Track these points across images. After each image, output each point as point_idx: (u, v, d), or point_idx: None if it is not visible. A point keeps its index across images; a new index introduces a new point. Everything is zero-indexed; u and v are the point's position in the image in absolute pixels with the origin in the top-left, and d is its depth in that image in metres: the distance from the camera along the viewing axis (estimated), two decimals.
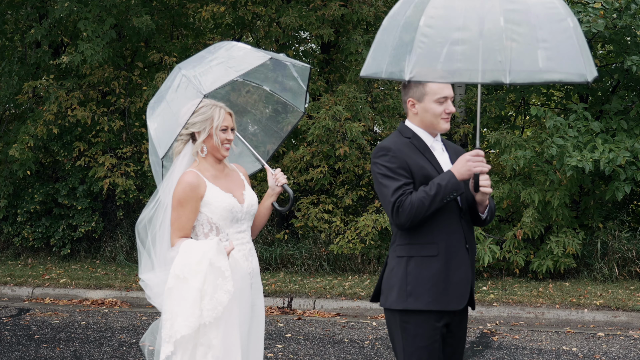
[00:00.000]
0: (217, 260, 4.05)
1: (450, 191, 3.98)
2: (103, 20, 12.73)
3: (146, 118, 4.46)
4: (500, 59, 3.51)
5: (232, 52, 4.48)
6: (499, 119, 12.92)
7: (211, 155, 4.33)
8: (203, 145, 4.30)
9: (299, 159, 12.68)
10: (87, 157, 13.44)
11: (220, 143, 4.30)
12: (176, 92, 4.34)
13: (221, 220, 4.27)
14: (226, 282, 4.05)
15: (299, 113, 4.98)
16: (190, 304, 4.02)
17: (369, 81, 13.17)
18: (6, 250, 14.38)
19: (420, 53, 3.54)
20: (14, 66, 13.74)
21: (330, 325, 9.45)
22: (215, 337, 4.07)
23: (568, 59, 3.63)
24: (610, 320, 9.53)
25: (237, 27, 14.43)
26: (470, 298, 4.19)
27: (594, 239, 11.61)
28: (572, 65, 3.63)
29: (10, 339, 8.57)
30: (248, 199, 4.41)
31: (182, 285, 4.05)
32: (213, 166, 4.36)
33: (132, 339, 8.60)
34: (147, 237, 4.32)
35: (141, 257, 4.35)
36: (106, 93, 13.92)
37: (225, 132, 4.32)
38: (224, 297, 4.04)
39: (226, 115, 4.32)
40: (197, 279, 4.02)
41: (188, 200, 4.19)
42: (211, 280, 4.03)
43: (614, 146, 10.59)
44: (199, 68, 4.33)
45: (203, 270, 4.03)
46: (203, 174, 4.28)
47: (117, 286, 11.42)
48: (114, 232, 13.96)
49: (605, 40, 11.44)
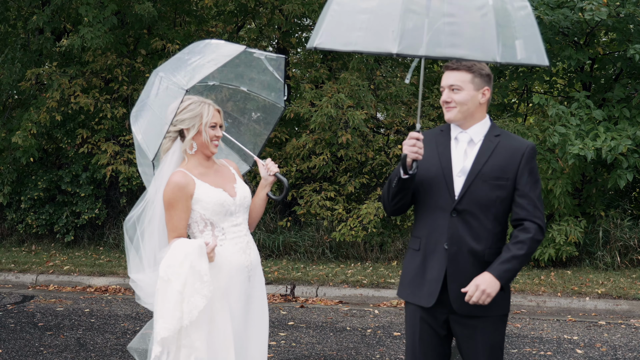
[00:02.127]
0: (197, 264, 4.07)
1: (394, 175, 3.97)
2: (104, 6, 12.73)
3: (130, 127, 4.48)
4: (392, 29, 3.47)
5: (208, 48, 4.49)
6: (501, 106, 12.92)
7: (200, 152, 4.34)
8: (192, 142, 4.30)
9: (302, 146, 12.70)
10: (90, 144, 13.47)
11: (210, 140, 4.31)
12: (157, 96, 4.34)
13: (214, 216, 4.28)
14: (204, 286, 4.06)
15: (280, 108, 4.93)
16: (172, 306, 4.05)
17: (372, 69, 13.16)
18: (10, 237, 14.45)
19: (330, 21, 3.58)
20: (16, 53, 13.73)
21: (332, 313, 9.49)
22: (197, 338, 4.10)
23: (477, 36, 3.55)
24: (612, 308, 9.57)
25: (240, 15, 14.42)
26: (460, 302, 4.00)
27: (596, 227, 11.64)
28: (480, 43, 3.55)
29: (14, 326, 8.61)
30: (240, 191, 4.42)
31: (166, 287, 4.08)
32: (201, 163, 4.36)
33: (136, 326, 8.64)
34: (135, 234, 4.34)
35: (129, 255, 4.37)
36: (109, 80, 13.93)
37: (214, 129, 4.33)
38: (200, 301, 4.05)
39: (215, 112, 4.33)
40: (178, 281, 4.05)
41: (178, 200, 4.21)
42: (191, 282, 4.05)
43: (616, 134, 10.60)
44: (179, 70, 4.32)
45: (184, 272, 4.05)
46: (191, 172, 4.29)
47: (120, 273, 11.47)
48: (117, 219, 14.00)
49: (608, 28, 11.42)
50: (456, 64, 4.03)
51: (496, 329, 4.05)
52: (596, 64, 12.48)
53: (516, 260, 3.88)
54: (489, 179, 3.99)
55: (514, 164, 3.99)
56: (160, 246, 4.30)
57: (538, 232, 3.92)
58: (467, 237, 3.99)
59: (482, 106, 4.07)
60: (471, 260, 3.99)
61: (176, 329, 4.06)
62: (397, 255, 12.23)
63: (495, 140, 4.05)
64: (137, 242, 4.34)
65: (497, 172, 3.99)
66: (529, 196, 3.96)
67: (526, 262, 3.95)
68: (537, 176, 4.02)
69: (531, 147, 4.02)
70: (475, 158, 4.04)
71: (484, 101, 4.06)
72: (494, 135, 4.08)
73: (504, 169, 4.00)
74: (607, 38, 12.79)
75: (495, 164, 4.00)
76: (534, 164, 4.02)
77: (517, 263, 3.88)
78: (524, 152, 4.00)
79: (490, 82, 4.08)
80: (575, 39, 11.58)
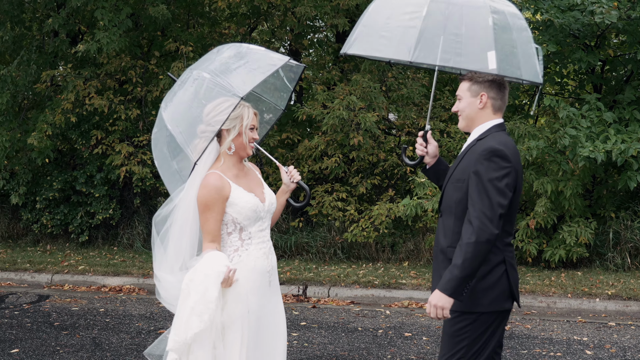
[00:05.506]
0: (210, 288, 4.14)
1: None
2: (120, 9, 12.86)
3: (165, 124, 4.42)
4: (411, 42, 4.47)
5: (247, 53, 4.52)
6: (512, 108, 12.98)
7: (237, 153, 4.38)
8: (232, 144, 4.34)
9: (314, 147, 12.79)
10: (105, 145, 13.60)
11: (248, 142, 4.36)
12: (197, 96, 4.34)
13: (246, 220, 4.33)
14: (206, 311, 4.13)
15: (279, 111, 5.01)
16: (184, 320, 4.14)
17: (383, 70, 13.24)
18: (25, 237, 14.61)
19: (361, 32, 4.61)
20: (32, 55, 13.87)
21: (344, 313, 9.58)
22: (201, 356, 4.19)
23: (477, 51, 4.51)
24: (622, 309, 9.62)
25: (253, 17, 14.52)
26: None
27: (606, 229, 11.68)
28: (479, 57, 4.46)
29: (31, 325, 8.74)
30: (268, 197, 4.47)
31: (184, 300, 4.17)
32: (235, 165, 4.39)
33: (150, 326, 8.76)
34: (162, 232, 4.37)
35: (155, 252, 4.41)
36: (123, 82, 14.07)
37: (252, 131, 4.38)
38: (196, 324, 4.13)
39: (253, 115, 4.39)
40: (193, 298, 4.13)
41: (214, 203, 4.23)
42: (200, 302, 4.13)
43: (626, 136, 10.64)
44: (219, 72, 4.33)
45: (199, 291, 4.13)
46: (225, 174, 4.32)
47: (134, 273, 11.59)
48: (131, 219, 14.14)
49: (619, 30, 11.47)
50: (463, 75, 4.33)
51: (454, 323, 4.18)
52: (607, 66, 12.52)
53: (456, 269, 3.98)
54: (454, 181, 4.21)
55: (470, 166, 4.12)
56: (191, 247, 4.34)
57: (472, 235, 3.96)
58: (440, 237, 4.26)
59: (482, 111, 4.27)
60: (441, 258, 4.23)
61: (183, 342, 4.14)
62: (409, 256, 12.31)
63: (474, 143, 4.23)
64: (165, 240, 4.37)
65: (459, 174, 4.19)
66: (471, 196, 4.05)
67: (472, 265, 3.96)
68: (485, 176, 4.04)
69: (484, 149, 4.09)
70: (454, 162, 4.32)
71: (482, 106, 4.25)
72: (478, 138, 4.24)
73: (464, 171, 4.16)
74: (618, 40, 12.83)
75: (460, 167, 4.20)
76: (485, 165, 4.05)
77: (458, 270, 3.96)
78: (479, 154, 4.10)
79: (491, 88, 4.26)
80: (586, 41, 11.63)
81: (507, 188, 4.03)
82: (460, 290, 4.00)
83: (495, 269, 4.14)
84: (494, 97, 4.26)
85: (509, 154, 4.08)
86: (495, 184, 4.01)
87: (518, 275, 4.31)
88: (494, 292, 4.15)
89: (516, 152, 4.18)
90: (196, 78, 4.40)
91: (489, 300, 4.14)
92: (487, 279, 4.13)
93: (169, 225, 4.37)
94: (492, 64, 4.43)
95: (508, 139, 4.20)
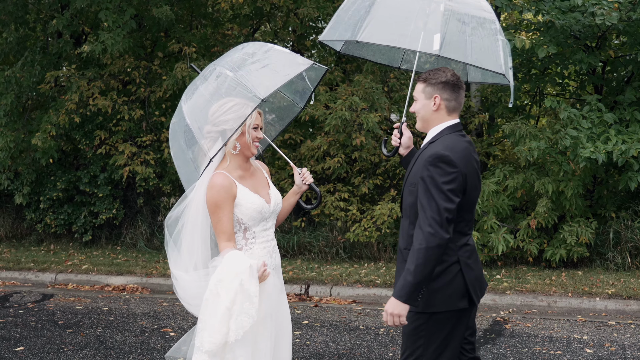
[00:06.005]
0: (247, 283, 4.12)
1: None
2: (123, 10, 12.93)
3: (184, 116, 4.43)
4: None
5: (272, 54, 4.53)
6: (514, 108, 13.03)
7: (242, 152, 4.39)
8: (236, 143, 4.36)
9: (316, 148, 12.85)
10: (108, 146, 13.67)
11: (252, 141, 4.37)
12: (218, 91, 4.35)
13: (250, 221, 4.35)
14: (252, 306, 4.12)
15: (297, 108, 5.00)
16: (218, 321, 4.10)
17: (385, 71, 13.30)
18: (29, 237, 14.70)
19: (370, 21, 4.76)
20: (36, 56, 13.96)
21: (346, 312, 9.65)
22: (241, 355, 4.18)
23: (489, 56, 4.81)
24: (622, 309, 9.68)
25: (255, 18, 14.58)
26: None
27: (607, 229, 11.73)
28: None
29: (35, 324, 8.82)
30: (274, 198, 4.49)
31: (215, 300, 4.13)
32: (241, 166, 4.41)
33: (154, 325, 8.83)
34: (174, 233, 4.38)
35: (170, 253, 4.42)
36: (127, 82, 14.14)
37: (256, 131, 4.39)
38: (246, 321, 4.11)
39: (257, 114, 4.39)
40: (228, 297, 4.10)
41: (224, 202, 4.25)
42: (240, 301, 4.11)
43: (627, 137, 10.69)
44: (242, 72, 4.34)
45: (234, 289, 4.10)
46: (231, 174, 4.33)
47: (137, 272, 11.67)
48: (134, 219, 14.21)
49: (619, 32, 11.52)
50: (419, 76, 4.42)
51: (410, 322, 4.23)
52: (608, 67, 12.57)
53: (409, 274, 4.01)
54: (409, 185, 4.28)
55: (419, 171, 4.16)
56: (204, 248, 4.35)
57: (422, 241, 3.99)
58: (400, 238, 4.34)
59: (436, 113, 4.32)
60: (400, 258, 4.30)
61: (221, 343, 4.12)
62: None
63: (426, 146, 4.28)
64: (178, 241, 4.38)
65: (412, 178, 4.24)
66: (420, 202, 4.09)
67: (423, 271, 3.98)
68: (431, 182, 4.06)
69: (430, 155, 4.12)
70: (409, 165, 4.39)
71: (436, 108, 4.30)
72: (430, 141, 4.29)
73: (415, 175, 4.21)
74: (619, 41, 12.88)
75: (413, 171, 4.27)
76: (432, 171, 4.08)
77: (411, 276, 3.99)
78: (425, 159, 4.14)
79: (444, 90, 4.30)
80: (587, 42, 11.69)
81: (453, 193, 4.05)
82: (414, 296, 4.03)
83: (449, 269, 4.16)
84: (447, 98, 4.29)
85: (454, 158, 4.09)
86: (442, 188, 4.04)
87: (479, 273, 4.31)
88: (447, 292, 4.17)
89: (466, 154, 4.19)
90: (219, 75, 4.40)
91: (442, 300, 4.17)
92: (440, 280, 4.16)
93: (181, 227, 4.38)
94: (436, 46, 4.63)
95: (457, 142, 4.21)
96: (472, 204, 4.25)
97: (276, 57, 4.51)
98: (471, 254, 4.27)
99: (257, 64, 4.41)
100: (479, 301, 4.36)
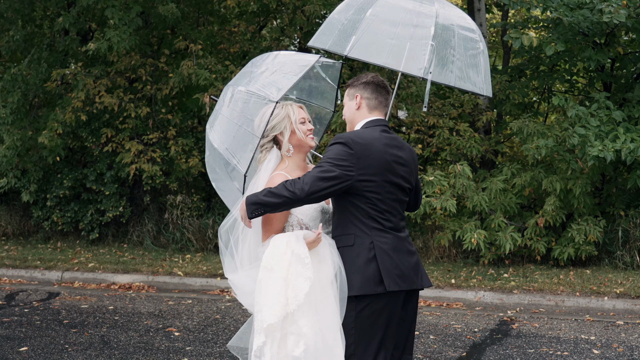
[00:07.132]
0: (297, 248, 4.10)
1: None
2: (130, 7, 12.91)
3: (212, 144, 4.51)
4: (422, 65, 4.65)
5: (280, 59, 4.57)
6: (521, 105, 12.96)
7: (297, 153, 4.41)
8: (289, 145, 4.38)
9: (322, 145, 12.80)
10: (115, 143, 13.67)
11: (304, 135, 4.38)
12: (234, 109, 4.43)
13: (312, 221, 4.32)
14: (306, 269, 4.08)
15: (329, 112, 5.04)
16: (276, 293, 4.06)
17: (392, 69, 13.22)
18: (36, 234, 14.72)
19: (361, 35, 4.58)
20: (42, 53, 13.95)
21: None
22: (305, 324, 4.08)
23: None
24: (630, 308, 9.61)
25: (262, 15, 14.55)
26: None
27: (615, 227, 11.66)
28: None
29: (40, 323, 8.81)
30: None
31: (269, 276, 4.10)
32: (299, 167, 4.41)
33: (159, 324, 8.81)
34: (230, 241, 4.39)
35: (224, 258, 4.44)
36: (133, 80, 14.13)
37: (304, 124, 4.40)
38: (303, 284, 4.06)
39: (299, 108, 4.42)
40: (282, 268, 4.08)
41: None
42: (293, 267, 4.08)
43: (635, 135, 10.61)
44: (254, 83, 4.41)
45: (287, 259, 4.08)
46: (290, 175, 4.31)
47: (144, 270, 11.66)
48: (141, 217, 14.20)
49: (628, 28, 11.43)
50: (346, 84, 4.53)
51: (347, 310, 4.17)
52: (617, 64, 12.49)
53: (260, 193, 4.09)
54: None
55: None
56: (257, 246, 4.34)
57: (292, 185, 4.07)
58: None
59: (358, 111, 4.43)
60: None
61: (282, 315, 4.05)
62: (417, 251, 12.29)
63: None
64: (231, 248, 4.39)
65: None
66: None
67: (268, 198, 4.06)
68: (324, 156, 4.15)
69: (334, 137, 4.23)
70: None
71: (357, 106, 4.41)
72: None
73: None
74: (628, 37, 12.80)
75: None
76: (328, 153, 4.16)
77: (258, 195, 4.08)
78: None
79: (365, 89, 4.42)
80: (596, 39, 11.60)
81: (335, 168, 4.09)
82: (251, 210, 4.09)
83: (362, 253, 4.16)
84: (368, 97, 4.38)
85: (354, 141, 4.15)
86: (327, 161, 4.11)
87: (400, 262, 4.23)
88: (364, 276, 4.14)
89: (375, 144, 4.21)
90: (233, 94, 4.50)
91: (360, 284, 4.13)
92: (355, 263, 4.15)
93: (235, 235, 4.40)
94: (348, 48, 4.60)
95: (369, 133, 4.26)
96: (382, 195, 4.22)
97: (284, 60, 4.57)
98: (395, 244, 4.24)
99: (267, 72, 4.48)
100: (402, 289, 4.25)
